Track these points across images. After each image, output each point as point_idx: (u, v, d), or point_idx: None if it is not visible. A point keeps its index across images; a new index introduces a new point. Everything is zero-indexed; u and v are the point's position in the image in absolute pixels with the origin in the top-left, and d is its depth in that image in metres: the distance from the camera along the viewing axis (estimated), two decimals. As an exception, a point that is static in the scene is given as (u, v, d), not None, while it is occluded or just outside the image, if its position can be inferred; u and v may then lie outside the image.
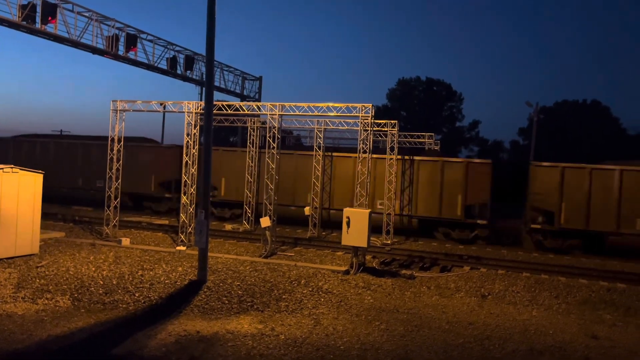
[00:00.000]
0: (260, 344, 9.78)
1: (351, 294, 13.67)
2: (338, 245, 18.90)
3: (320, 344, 9.92)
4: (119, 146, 20.44)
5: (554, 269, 17.76)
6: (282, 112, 18.79)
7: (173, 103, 20.04)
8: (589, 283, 16.10)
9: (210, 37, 13.84)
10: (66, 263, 15.31)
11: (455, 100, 62.82)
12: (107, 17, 24.40)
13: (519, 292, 14.66)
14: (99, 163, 28.07)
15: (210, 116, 14.19)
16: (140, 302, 12.17)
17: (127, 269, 14.95)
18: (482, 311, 12.73)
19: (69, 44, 23.53)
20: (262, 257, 17.69)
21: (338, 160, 25.47)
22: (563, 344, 10.53)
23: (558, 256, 20.77)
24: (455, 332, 11.03)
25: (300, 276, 15.07)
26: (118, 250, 17.63)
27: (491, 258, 19.40)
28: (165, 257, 16.87)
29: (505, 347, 10.26)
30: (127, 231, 21.90)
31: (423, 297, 13.87)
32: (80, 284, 13.20)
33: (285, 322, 11.17)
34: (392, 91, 63.72)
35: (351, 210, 16.07)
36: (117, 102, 20.31)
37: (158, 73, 29.37)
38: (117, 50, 25.17)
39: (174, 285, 13.60)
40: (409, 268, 17.44)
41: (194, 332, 10.26)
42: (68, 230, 21.32)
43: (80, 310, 11.54)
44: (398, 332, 10.82)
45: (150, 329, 10.36)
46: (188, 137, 19.71)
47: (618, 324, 12.15)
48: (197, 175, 19.54)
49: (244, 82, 37.21)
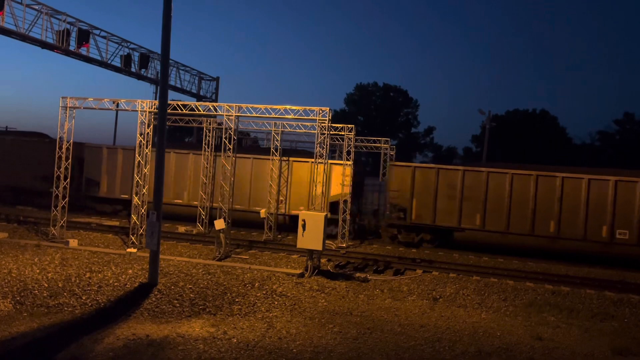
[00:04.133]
0: (212, 348, 9.62)
1: (305, 297, 13.65)
2: (293, 249, 18.86)
3: (272, 347, 9.85)
4: (68, 145, 19.75)
5: (503, 273, 18.29)
6: (238, 113, 18.63)
7: (126, 101, 19.55)
8: (535, 286, 16.64)
9: (166, 32, 13.57)
10: (8, 265, 14.65)
11: (411, 106, 64.05)
12: (58, 10, 23.59)
13: (469, 295, 15.00)
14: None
15: (164, 116, 13.90)
16: (88, 306, 11.77)
17: (74, 271, 14.44)
18: (434, 314, 12.95)
19: (17, 37, 22.58)
20: (215, 260, 17.45)
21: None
22: (510, 345, 10.83)
23: (507, 260, 21.37)
24: (407, 334, 11.18)
25: (255, 279, 14.94)
26: (65, 252, 17.02)
27: (443, 262, 19.80)
28: (115, 259, 16.40)
29: (454, 349, 10.47)
30: (76, 232, 21.18)
31: (376, 300, 13.99)
32: (23, 287, 12.65)
33: (238, 325, 11.05)
34: (350, 96, 64.40)
35: (307, 213, 16.07)
36: (67, 98, 19.63)
37: (111, 70, 28.60)
38: (68, 46, 24.35)
39: (124, 288, 13.22)
40: (363, 271, 17.57)
41: (144, 336, 9.99)
42: (12, 231, 20.45)
43: (23, 314, 11.05)
44: (351, 335, 10.87)
45: (97, 333, 10.03)
46: (141, 137, 19.25)
47: (561, 326, 12.59)
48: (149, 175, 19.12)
49: (201, 82, 36.71)
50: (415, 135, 63.63)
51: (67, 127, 19.64)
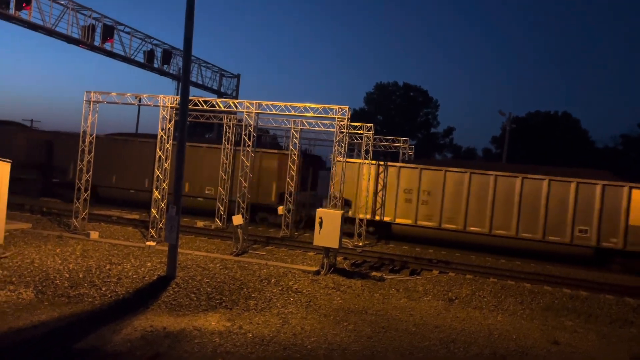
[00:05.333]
0: (227, 342, 9.74)
1: (321, 294, 13.72)
2: (310, 246, 18.93)
3: (287, 343, 9.94)
4: (91, 138, 20.07)
5: (520, 275, 18.13)
6: (258, 110, 18.74)
7: (148, 96, 19.80)
8: (552, 290, 16.47)
9: (188, 28, 13.72)
10: (31, 255, 14.99)
11: (432, 106, 63.57)
12: (84, 6, 24.03)
13: (485, 297, 14.92)
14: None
15: (185, 110, 14.06)
16: (107, 297, 11.99)
17: (95, 262, 14.72)
18: (449, 315, 12.92)
19: (43, 32, 23.07)
20: (233, 255, 17.61)
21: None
22: (525, 349, 10.76)
23: (525, 262, 21.18)
24: (422, 334, 11.17)
25: (271, 275, 15.06)
26: (86, 244, 17.33)
27: (460, 263, 19.69)
28: (134, 252, 16.66)
29: (469, 350, 10.44)
30: (97, 224, 21.55)
31: (392, 299, 14.00)
32: (45, 277, 12.94)
33: (254, 320, 11.15)
34: (370, 95, 64.14)
35: (324, 210, 16.12)
36: (90, 93, 19.95)
37: (135, 66, 29.02)
38: (92, 41, 24.79)
39: (142, 280, 13.44)
40: (379, 270, 17.57)
41: (161, 328, 10.16)
42: (35, 222, 20.87)
43: (44, 303, 11.30)
44: (365, 333, 10.90)
45: (115, 324, 10.22)
46: (162, 132, 19.49)
47: (579, 331, 12.46)
48: (170, 170, 19.35)
49: (222, 79, 36.99)
50: (434, 136, 63.19)
51: (91, 120, 19.97)
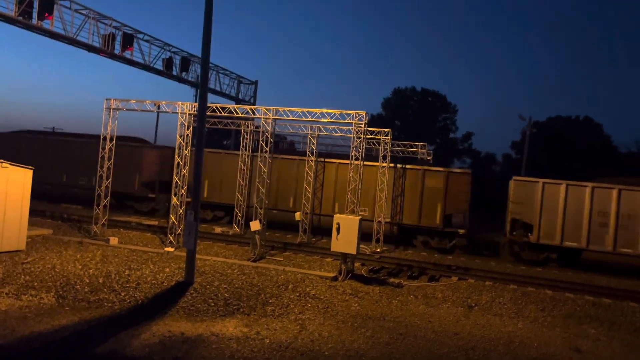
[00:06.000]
0: (245, 347, 9.74)
1: (338, 301, 13.66)
2: (327, 252, 18.88)
3: (305, 349, 9.90)
4: (111, 145, 20.34)
5: (540, 282, 17.85)
6: (275, 116, 18.81)
7: (167, 103, 20.01)
8: (574, 297, 16.18)
9: (206, 35, 13.85)
10: (52, 260, 15.21)
11: (450, 111, 63.12)
12: (105, 15, 24.42)
13: (506, 304, 14.71)
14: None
15: (203, 117, 14.17)
16: (126, 302, 12.10)
17: (114, 268, 14.87)
18: (468, 322, 12.75)
19: (65, 41, 23.49)
20: (250, 261, 17.64)
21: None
22: (547, 357, 10.57)
23: (545, 269, 20.86)
24: (440, 341, 11.04)
25: (288, 281, 15.05)
26: (105, 249, 17.53)
27: (479, 269, 19.46)
28: (153, 258, 16.79)
29: (489, 358, 10.28)
30: (116, 230, 21.78)
31: (410, 305, 13.88)
32: (66, 282, 13.11)
33: (271, 326, 11.14)
34: (387, 100, 63.94)
35: (341, 216, 16.07)
36: (110, 100, 20.24)
37: (153, 73, 29.40)
38: (113, 49, 25.17)
39: (161, 285, 13.54)
40: (397, 276, 17.46)
41: (179, 333, 10.20)
42: (56, 228, 21.18)
43: (65, 308, 11.44)
44: (383, 340, 10.82)
45: (134, 329, 10.29)
46: (181, 138, 19.67)
47: (602, 339, 12.21)
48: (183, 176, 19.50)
49: (240, 86, 37.27)
50: (453, 141, 62.68)
51: (110, 127, 20.24)
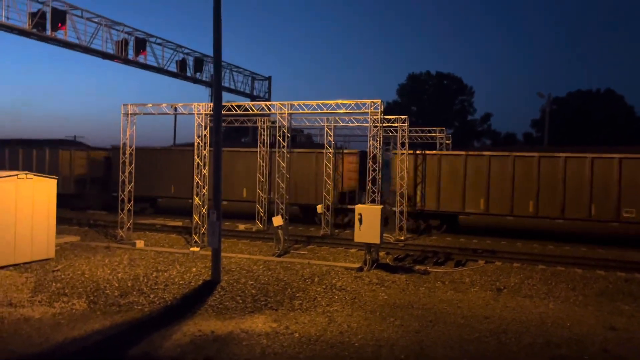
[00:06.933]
0: (275, 343, 9.78)
1: (365, 291, 13.64)
2: (351, 243, 18.83)
3: (334, 341, 9.91)
4: (131, 150, 20.55)
5: (569, 261, 17.57)
6: (291, 110, 18.78)
7: (183, 105, 20.12)
8: (606, 274, 15.89)
9: (217, 38, 13.85)
10: (82, 266, 15.48)
11: (466, 93, 62.42)
12: (116, 22, 24.64)
13: (535, 285, 14.52)
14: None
15: (219, 116, 14.21)
16: (155, 304, 12.25)
17: (142, 270, 15.07)
18: (498, 305, 12.62)
19: (80, 50, 23.77)
20: (275, 256, 17.71)
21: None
22: (581, 336, 10.40)
23: (574, 247, 20.53)
24: (471, 326, 10.95)
25: (314, 274, 15.07)
26: (132, 253, 17.77)
27: (506, 251, 19.23)
28: (179, 259, 16.97)
29: (521, 340, 10.16)
30: (141, 233, 22.06)
31: (437, 292, 13.79)
32: (96, 287, 13.33)
33: (299, 320, 11.17)
34: (402, 86, 63.50)
35: (363, 206, 16.02)
36: (127, 105, 20.43)
37: (168, 76, 29.62)
38: (126, 55, 25.40)
39: (188, 285, 13.68)
40: (422, 263, 17.35)
41: (209, 332, 10.29)
42: (83, 234, 21.54)
43: (96, 312, 11.63)
44: (413, 328, 10.76)
45: (165, 330, 10.42)
46: (199, 139, 19.78)
47: (636, 315, 11.97)
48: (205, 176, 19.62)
49: (254, 83, 37.34)
50: (471, 123, 62.01)
51: (129, 132, 20.45)
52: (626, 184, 20.64)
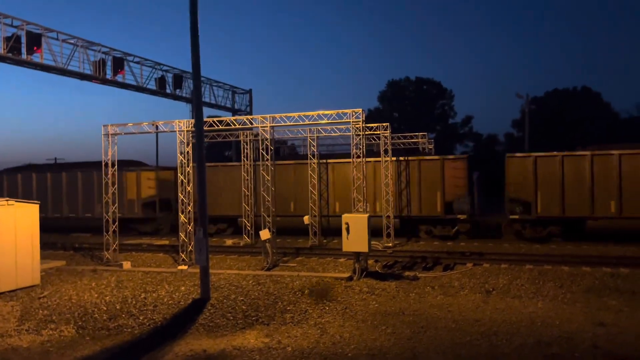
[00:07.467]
0: (268, 358, 9.73)
1: (356, 300, 13.64)
2: (340, 252, 18.84)
3: (327, 353, 9.89)
4: (113, 170, 20.38)
5: (556, 259, 17.78)
6: (273, 123, 18.82)
7: (164, 123, 20.04)
8: (592, 270, 16.09)
9: (195, 55, 13.85)
10: (68, 291, 15.26)
11: (446, 97, 62.97)
12: (93, 42, 24.54)
13: (524, 285, 14.65)
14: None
15: (201, 133, 14.19)
16: (145, 325, 12.12)
17: (130, 292, 14.91)
18: (488, 307, 12.71)
19: (57, 72, 23.60)
20: (264, 270, 17.65)
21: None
22: (570, 334, 10.51)
23: (561, 246, 20.77)
24: (462, 330, 11.00)
25: (304, 286, 15.04)
26: (120, 275, 17.57)
27: (493, 253, 19.41)
28: (167, 278, 16.83)
29: (512, 341, 10.24)
30: (128, 254, 21.84)
31: (428, 297, 13.85)
32: (84, 312, 13.14)
33: (292, 333, 11.14)
34: (383, 93, 63.86)
35: (350, 215, 16.04)
36: (108, 126, 20.29)
37: (147, 94, 29.53)
38: (104, 75, 25.27)
39: (178, 305, 13.56)
40: (411, 269, 17.41)
41: (201, 351, 10.21)
42: (68, 258, 21.25)
43: (85, 338, 11.47)
44: (405, 335, 10.79)
45: (156, 351, 10.31)
46: (182, 156, 19.70)
47: (624, 310, 12.13)
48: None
49: (234, 96, 37.33)
50: (453, 126, 62.52)
51: (111, 153, 20.28)
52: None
